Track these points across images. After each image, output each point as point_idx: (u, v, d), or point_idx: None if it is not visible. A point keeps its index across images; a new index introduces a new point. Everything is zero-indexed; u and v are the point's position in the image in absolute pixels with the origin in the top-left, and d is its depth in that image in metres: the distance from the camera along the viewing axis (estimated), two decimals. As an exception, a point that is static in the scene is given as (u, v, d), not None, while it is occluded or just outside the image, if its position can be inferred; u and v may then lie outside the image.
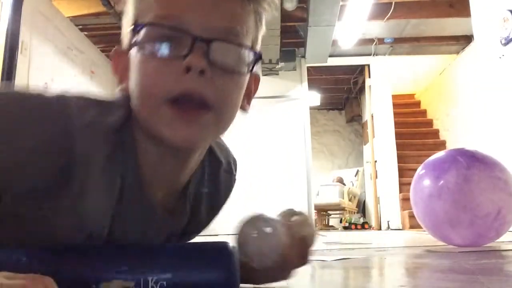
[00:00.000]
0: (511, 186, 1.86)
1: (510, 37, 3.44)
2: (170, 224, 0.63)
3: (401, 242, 3.01)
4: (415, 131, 7.04)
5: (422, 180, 2.03)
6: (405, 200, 5.16)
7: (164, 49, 0.49)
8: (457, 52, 6.07)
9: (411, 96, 8.04)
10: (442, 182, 1.91)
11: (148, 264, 0.55)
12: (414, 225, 4.76)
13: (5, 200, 0.49)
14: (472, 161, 1.90)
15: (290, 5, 4.47)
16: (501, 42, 3.57)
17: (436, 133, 6.92)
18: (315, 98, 7.15)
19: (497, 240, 1.98)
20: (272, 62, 5.72)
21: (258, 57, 0.56)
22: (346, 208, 6.78)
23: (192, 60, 0.48)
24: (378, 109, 6.29)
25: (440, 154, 2.10)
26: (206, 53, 0.49)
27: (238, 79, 0.55)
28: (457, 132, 6.19)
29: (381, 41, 5.80)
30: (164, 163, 0.57)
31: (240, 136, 6.00)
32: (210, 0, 0.51)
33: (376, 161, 6.28)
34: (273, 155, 5.89)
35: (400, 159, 6.02)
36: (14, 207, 0.50)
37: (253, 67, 0.56)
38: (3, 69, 2.50)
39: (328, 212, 7.21)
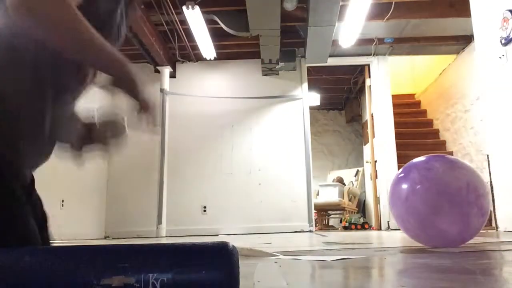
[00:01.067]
0: (468, 166, 2.09)
1: (510, 37, 3.44)
2: None
3: (401, 242, 3.01)
4: (415, 131, 7.04)
5: (399, 185, 2.14)
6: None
7: None
8: (457, 52, 6.07)
9: (411, 96, 8.04)
10: (409, 180, 2.09)
11: (149, 263, 0.56)
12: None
13: None
14: (428, 158, 2.14)
15: (290, 5, 4.47)
16: (501, 42, 3.57)
17: (436, 133, 6.92)
18: (315, 98, 7.15)
19: (496, 241, 1.98)
20: (272, 62, 5.72)
21: None
22: (346, 208, 6.79)
23: None
24: (378, 109, 6.29)
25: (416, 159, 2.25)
26: None
27: None
28: (457, 132, 6.19)
29: (381, 41, 5.80)
30: None
31: (240, 135, 6.01)
32: None
33: (376, 161, 6.28)
34: (273, 155, 5.89)
35: (400, 159, 6.02)
36: None
37: None
38: (3, 69, 2.50)
39: (328, 212, 7.21)
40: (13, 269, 0.46)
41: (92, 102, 0.89)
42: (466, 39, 5.63)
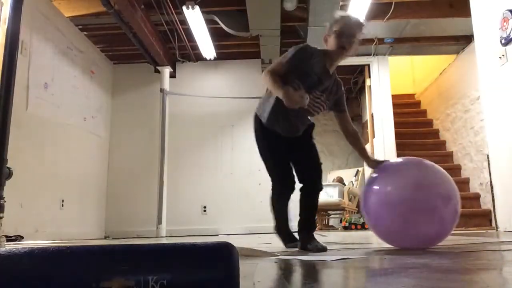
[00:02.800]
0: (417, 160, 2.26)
1: (510, 37, 3.44)
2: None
3: (401, 242, 3.00)
4: (415, 131, 7.04)
5: (371, 189, 2.27)
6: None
7: None
8: (457, 52, 6.07)
9: (411, 96, 8.04)
10: (376, 177, 2.34)
11: (148, 264, 0.56)
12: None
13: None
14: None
15: (290, 5, 4.47)
16: (501, 42, 3.57)
17: (436, 133, 6.92)
18: (315, 98, 7.13)
19: (496, 241, 1.97)
20: (272, 62, 5.71)
21: None
22: (346, 208, 6.78)
23: None
24: (378, 109, 6.29)
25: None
26: None
27: None
28: (457, 132, 6.19)
29: (381, 41, 5.80)
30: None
31: (240, 135, 6.00)
32: None
33: (376, 161, 6.28)
34: (273, 155, 5.88)
35: (400, 159, 6.01)
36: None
37: None
38: (2, 69, 2.50)
39: (328, 212, 7.21)
40: (11, 271, 0.46)
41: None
42: (466, 39, 5.63)
